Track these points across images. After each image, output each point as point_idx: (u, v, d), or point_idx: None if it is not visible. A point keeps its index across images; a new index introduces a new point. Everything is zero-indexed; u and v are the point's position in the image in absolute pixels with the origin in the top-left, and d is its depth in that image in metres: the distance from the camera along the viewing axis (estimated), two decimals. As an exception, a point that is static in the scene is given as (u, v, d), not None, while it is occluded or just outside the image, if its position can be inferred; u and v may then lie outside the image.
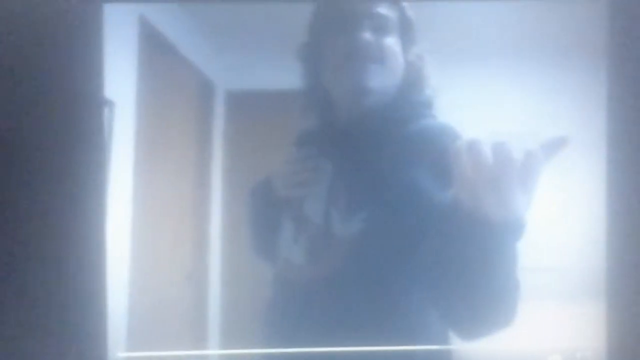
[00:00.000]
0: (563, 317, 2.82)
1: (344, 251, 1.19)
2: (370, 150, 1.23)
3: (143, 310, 2.27)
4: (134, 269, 2.15)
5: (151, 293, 2.33)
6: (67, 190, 1.34)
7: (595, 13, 1.36)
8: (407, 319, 1.24)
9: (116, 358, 1.49)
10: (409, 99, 1.25)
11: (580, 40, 2.82)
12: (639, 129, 1.29)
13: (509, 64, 3.29)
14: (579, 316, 2.57)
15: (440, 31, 2.88)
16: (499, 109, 3.23)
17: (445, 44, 3.05)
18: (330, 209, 1.21)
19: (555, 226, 3.19)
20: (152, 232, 2.16)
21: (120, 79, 2.13)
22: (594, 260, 1.46)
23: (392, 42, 1.20)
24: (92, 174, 1.35)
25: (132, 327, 2.13)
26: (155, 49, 2.46)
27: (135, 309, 2.15)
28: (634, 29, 1.28)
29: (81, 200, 1.35)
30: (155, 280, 2.50)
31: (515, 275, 1.14)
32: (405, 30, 1.23)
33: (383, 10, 1.19)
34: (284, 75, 1.65)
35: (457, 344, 1.59)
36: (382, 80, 1.20)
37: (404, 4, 1.25)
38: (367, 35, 1.17)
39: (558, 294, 2.96)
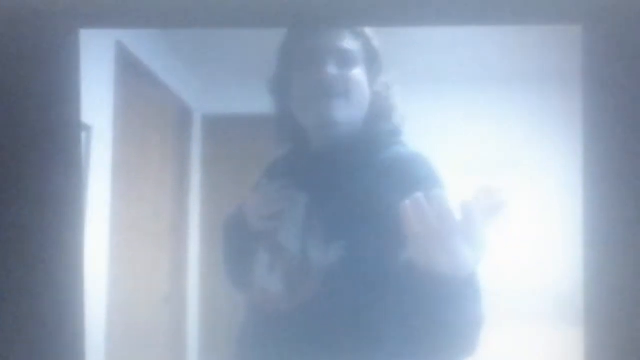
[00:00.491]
0: (542, 342, 2.85)
1: (321, 280, 1.17)
2: (343, 180, 1.22)
3: (120, 332, 2.27)
4: (111, 292, 2.15)
5: (129, 315, 2.34)
6: (45, 213, 1.34)
7: (568, 39, 1.38)
8: (383, 346, 1.23)
9: (94, 381, 1.49)
10: (376, 128, 1.25)
11: (554, 66, 2.86)
12: (615, 153, 1.30)
13: (482, 89, 3.34)
14: (557, 340, 2.60)
15: (411, 57, 2.92)
16: (471, 134, 3.28)
17: (415, 70, 3.10)
18: (307, 239, 1.19)
19: (534, 253, 3.23)
20: (130, 255, 2.17)
21: (97, 104, 2.14)
22: (572, 286, 1.48)
23: (357, 74, 1.19)
24: (70, 198, 1.35)
25: (110, 349, 2.13)
26: (132, 74, 2.47)
27: (112, 331, 2.16)
28: (608, 54, 1.31)
29: (59, 223, 1.35)
30: (133, 303, 2.51)
31: (475, 314, 1.13)
32: (371, 61, 1.23)
33: (347, 43, 1.19)
34: (261, 100, 1.66)
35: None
36: (348, 113, 1.19)
37: (369, 34, 1.25)
38: (332, 70, 1.17)
39: (537, 318, 2.99)
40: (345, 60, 1.18)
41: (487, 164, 3.32)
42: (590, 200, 1.27)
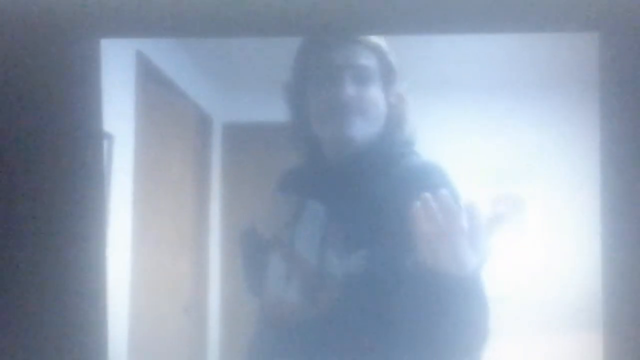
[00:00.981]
0: (560, 349, 2.83)
1: (340, 289, 1.18)
2: (361, 191, 1.23)
3: (142, 341, 2.28)
4: (133, 300, 2.16)
5: (150, 325, 2.34)
6: (67, 222, 1.35)
7: (586, 47, 1.38)
8: (400, 354, 1.23)
9: (117, 389, 1.50)
10: (390, 140, 1.26)
11: (571, 74, 2.84)
12: (633, 160, 1.30)
13: (497, 97, 3.33)
14: (576, 347, 2.58)
15: (425, 65, 2.91)
16: (486, 143, 3.26)
17: (430, 78, 3.08)
18: (326, 249, 1.20)
19: (551, 259, 3.21)
20: (152, 264, 2.18)
21: (118, 113, 2.15)
22: (591, 293, 1.47)
23: (373, 91, 1.21)
24: (91, 206, 1.36)
25: (132, 357, 2.13)
26: (152, 83, 2.48)
27: (134, 340, 2.16)
28: (625, 62, 1.30)
29: (81, 232, 1.36)
30: (154, 313, 2.51)
31: (478, 315, 1.13)
32: (387, 75, 1.24)
33: (363, 60, 1.21)
34: (281, 108, 1.68)
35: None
36: (364, 131, 1.21)
37: (385, 48, 1.25)
38: (350, 89, 1.19)
39: (555, 325, 2.97)
40: (362, 77, 1.19)
41: (504, 172, 3.30)
42: (608, 206, 1.27)
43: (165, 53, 2.53)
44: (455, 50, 2.83)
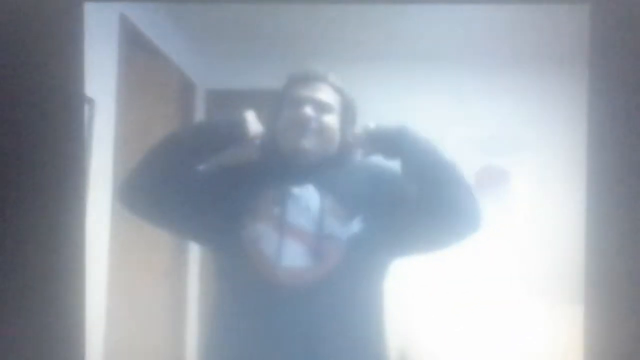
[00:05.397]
0: (542, 319, 2.84)
1: (345, 248, 1.38)
2: (333, 175, 1.47)
3: (120, 309, 2.30)
4: (112, 260, 2.17)
5: (129, 290, 2.36)
6: (47, 184, 1.34)
7: (576, 18, 1.38)
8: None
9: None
10: (343, 159, 1.52)
11: (560, 45, 2.85)
12: (619, 130, 1.30)
13: (487, 68, 3.34)
14: (558, 318, 2.59)
15: (418, 35, 2.91)
16: (474, 113, 3.28)
17: (423, 48, 3.08)
18: (324, 218, 1.41)
19: (536, 231, 3.24)
20: (131, 229, 2.17)
21: (100, 77, 2.14)
22: (573, 265, 1.49)
23: (331, 119, 1.46)
24: (72, 169, 1.36)
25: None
26: (136, 47, 2.46)
27: (112, 306, 2.18)
28: (615, 33, 1.31)
29: (61, 195, 1.36)
30: (133, 276, 2.53)
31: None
32: (346, 113, 1.51)
33: (325, 97, 1.46)
34: (263, 75, 1.68)
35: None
36: (317, 145, 1.45)
37: (347, 93, 1.50)
38: (309, 112, 1.43)
39: (538, 296, 2.99)
40: (322, 108, 1.46)
41: (489, 143, 3.32)
42: (594, 179, 1.27)
43: (149, 17, 2.51)
44: (445, 20, 2.83)
